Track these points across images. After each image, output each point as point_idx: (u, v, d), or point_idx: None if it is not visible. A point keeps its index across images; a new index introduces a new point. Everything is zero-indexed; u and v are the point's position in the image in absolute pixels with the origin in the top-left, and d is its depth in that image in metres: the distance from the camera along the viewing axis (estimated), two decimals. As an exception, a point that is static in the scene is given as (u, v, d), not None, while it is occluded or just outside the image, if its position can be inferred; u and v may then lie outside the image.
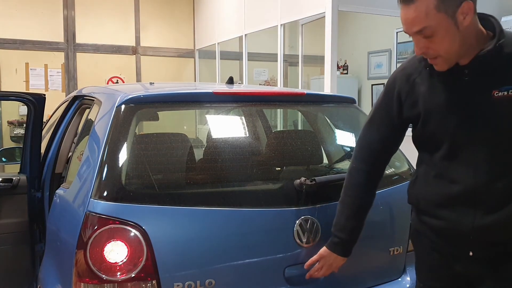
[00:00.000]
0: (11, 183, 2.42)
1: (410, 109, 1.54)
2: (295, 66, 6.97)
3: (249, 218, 1.79)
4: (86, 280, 1.58)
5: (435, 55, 1.40)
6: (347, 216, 1.73)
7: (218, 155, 2.05)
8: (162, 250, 1.62)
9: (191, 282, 1.64)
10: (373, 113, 1.68)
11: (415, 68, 1.54)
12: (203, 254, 1.68)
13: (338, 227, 1.75)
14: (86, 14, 7.51)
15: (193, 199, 1.79)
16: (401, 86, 1.56)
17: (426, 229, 1.58)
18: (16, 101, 2.59)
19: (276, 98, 2.41)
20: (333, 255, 1.76)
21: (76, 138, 2.69)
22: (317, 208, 1.87)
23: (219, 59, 7.44)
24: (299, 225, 1.81)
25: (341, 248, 1.76)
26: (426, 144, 1.55)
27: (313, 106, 2.54)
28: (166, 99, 2.07)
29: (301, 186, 1.84)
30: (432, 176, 1.52)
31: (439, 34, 1.35)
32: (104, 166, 1.70)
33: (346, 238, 1.74)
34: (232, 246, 1.74)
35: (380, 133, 1.65)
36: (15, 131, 6.95)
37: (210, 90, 2.10)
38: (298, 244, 1.82)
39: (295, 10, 5.45)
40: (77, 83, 7.43)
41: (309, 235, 1.83)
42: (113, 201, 1.64)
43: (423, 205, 1.57)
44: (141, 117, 2.10)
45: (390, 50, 7.14)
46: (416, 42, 1.40)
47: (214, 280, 1.67)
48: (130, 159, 1.79)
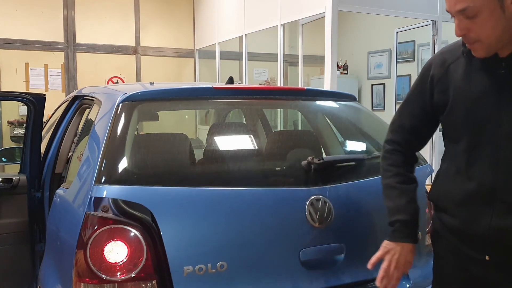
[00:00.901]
0: (11, 183, 2.42)
1: (440, 94, 1.47)
2: (295, 66, 6.97)
3: (258, 198, 1.75)
4: (86, 280, 1.58)
5: (475, 39, 1.32)
6: (402, 197, 1.56)
7: (224, 140, 2.04)
8: (170, 232, 1.59)
9: (202, 265, 1.59)
10: (407, 97, 1.61)
11: (453, 54, 1.47)
12: (213, 236, 1.64)
13: (395, 211, 1.55)
14: (86, 14, 7.51)
15: (200, 180, 1.78)
16: (435, 70, 1.49)
17: (443, 228, 1.52)
18: (16, 101, 2.60)
19: (275, 93, 2.41)
20: (398, 246, 1.54)
21: (76, 138, 2.70)
22: (327, 188, 1.83)
23: (219, 59, 7.44)
24: (310, 204, 1.77)
25: (408, 232, 1.54)
26: (450, 135, 1.49)
27: (313, 101, 2.53)
28: (165, 95, 2.08)
29: (309, 166, 1.81)
30: (453, 171, 1.47)
31: (482, 15, 1.27)
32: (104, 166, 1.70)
33: (409, 219, 1.54)
34: (243, 228, 1.69)
35: (413, 116, 1.58)
36: (15, 131, 6.95)
37: (210, 85, 2.10)
38: (311, 225, 1.75)
39: (295, 10, 5.45)
40: (77, 83, 7.43)
41: (322, 215, 1.77)
42: (118, 184, 1.63)
43: (442, 202, 1.51)
44: (141, 115, 2.09)
45: (390, 50, 7.14)
46: (458, 22, 1.32)
47: (226, 263, 1.62)
48: (130, 159, 1.79)
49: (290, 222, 1.76)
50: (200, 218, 1.65)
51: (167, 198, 1.65)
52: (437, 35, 5.44)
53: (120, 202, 1.60)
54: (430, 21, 5.43)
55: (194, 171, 1.89)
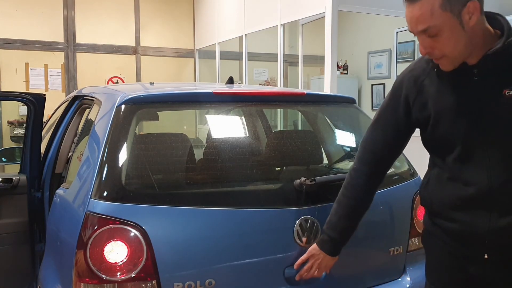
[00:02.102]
0: (11, 183, 2.42)
1: (419, 111, 1.51)
2: (295, 66, 6.97)
3: (249, 218, 1.79)
4: (86, 280, 1.58)
5: (440, 55, 1.38)
6: (340, 215, 1.71)
7: (218, 155, 2.05)
8: (162, 250, 1.62)
9: (191, 282, 1.64)
10: (378, 115, 1.65)
11: (423, 70, 1.51)
12: (203, 254, 1.68)
13: (329, 225, 1.73)
14: (86, 14, 7.51)
15: (193, 199, 1.79)
16: (408, 88, 1.53)
17: (439, 231, 1.55)
18: (16, 101, 2.59)
19: (276, 98, 2.41)
20: (322, 253, 1.74)
21: (76, 138, 2.69)
22: (317, 208, 1.86)
23: (219, 59, 7.44)
24: (299, 225, 1.81)
25: (330, 247, 1.74)
26: (438, 146, 1.51)
27: (313, 106, 2.54)
28: (166, 99, 2.07)
29: (301, 186, 1.84)
30: (446, 178, 1.49)
31: (444, 33, 1.33)
32: (104, 166, 1.70)
33: (335, 237, 1.72)
34: (232, 246, 1.74)
35: (385, 135, 1.63)
36: (15, 131, 6.95)
37: (210, 90, 2.10)
38: (298, 244, 1.81)
39: (295, 10, 5.45)
40: (77, 83, 7.43)
41: (309, 235, 1.82)
42: (113, 201, 1.64)
43: (437, 207, 1.54)
44: (141, 117, 2.10)
45: (390, 50, 7.14)
46: (421, 41, 1.39)
47: (214, 280, 1.67)
48: (130, 159, 1.79)
49: (277, 241, 1.82)
50: (191, 237, 1.68)
51: (160, 216, 1.68)
52: (437, 35, 5.43)
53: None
54: (430, 21, 5.43)
55: (189, 190, 1.90)
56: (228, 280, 1.72)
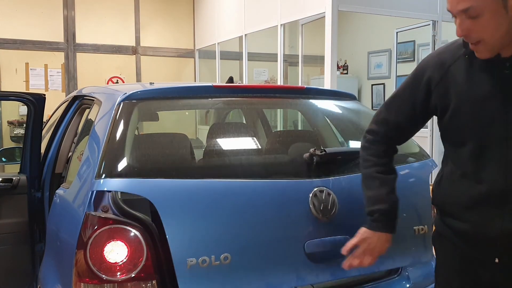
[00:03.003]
0: (11, 183, 2.42)
1: (439, 98, 1.43)
2: (295, 66, 6.97)
3: (261, 190, 1.74)
4: (86, 280, 1.58)
5: (477, 39, 1.29)
6: (380, 187, 1.56)
7: (225, 134, 2.04)
8: (172, 224, 1.58)
9: (205, 257, 1.58)
10: (396, 93, 1.57)
11: (453, 55, 1.43)
12: (216, 228, 1.62)
13: (374, 200, 1.56)
14: (86, 14, 7.51)
15: (202, 173, 1.77)
16: (433, 72, 1.45)
17: (449, 232, 1.49)
18: (16, 101, 2.59)
19: (275, 91, 2.41)
20: (375, 235, 1.56)
21: (76, 138, 2.70)
22: (330, 180, 1.81)
23: (219, 59, 7.44)
24: (314, 196, 1.75)
25: (386, 222, 1.56)
26: (454, 139, 1.44)
27: (313, 100, 2.53)
28: (165, 94, 2.08)
29: (311, 158, 1.80)
30: (459, 175, 1.43)
31: (485, 15, 1.24)
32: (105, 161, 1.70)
33: (388, 209, 1.56)
34: (247, 219, 1.68)
35: (398, 116, 1.55)
36: (15, 131, 6.95)
37: (210, 84, 2.10)
38: (315, 217, 1.74)
39: (295, 10, 5.45)
40: (77, 83, 7.43)
41: (326, 207, 1.75)
42: (119, 177, 1.63)
43: (448, 206, 1.48)
44: (141, 114, 2.09)
45: (390, 50, 7.14)
46: (460, 22, 1.29)
47: (230, 255, 1.61)
48: (131, 153, 1.79)
49: (293, 214, 1.75)
50: (203, 210, 1.64)
51: (169, 190, 1.64)
52: (437, 35, 5.44)
53: (120, 202, 1.60)
54: (430, 21, 5.43)
55: (196, 164, 1.89)
56: (245, 255, 1.64)
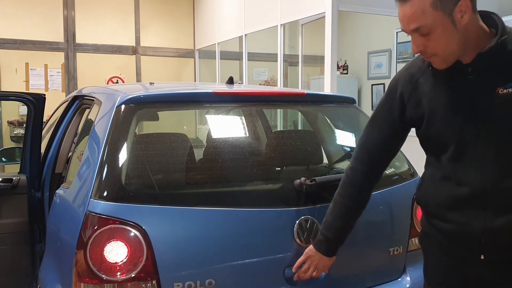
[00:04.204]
0: (11, 183, 2.42)
1: (413, 109, 1.50)
2: (295, 66, 6.97)
3: (249, 218, 1.79)
4: (86, 280, 1.58)
5: (432, 54, 1.38)
6: (336, 215, 1.70)
7: (218, 155, 2.05)
8: (162, 250, 1.62)
9: (191, 282, 1.64)
10: (375, 113, 1.65)
11: (419, 68, 1.51)
12: (203, 254, 1.68)
13: (325, 225, 1.73)
14: (86, 14, 7.51)
15: (193, 199, 1.80)
16: (404, 86, 1.53)
17: (435, 231, 1.54)
18: (16, 101, 2.59)
19: (276, 98, 2.41)
20: (318, 254, 1.74)
21: (76, 138, 2.69)
22: (317, 208, 1.86)
23: (219, 59, 7.44)
24: (299, 225, 1.81)
25: (326, 247, 1.73)
26: (432, 145, 1.51)
27: (313, 106, 2.54)
28: (166, 99, 2.07)
29: (301, 186, 1.84)
30: (439, 178, 1.48)
31: (436, 32, 1.33)
32: (104, 166, 1.70)
33: (331, 237, 1.72)
34: (232, 246, 1.74)
35: (381, 134, 1.62)
36: (15, 131, 6.95)
37: (210, 90, 2.10)
38: (298, 244, 1.81)
39: (295, 10, 5.45)
40: (77, 83, 7.43)
41: (309, 235, 1.82)
42: (113, 201, 1.63)
43: (431, 208, 1.53)
44: (141, 117, 2.09)
45: (390, 50, 7.14)
46: (414, 40, 1.39)
47: (214, 280, 1.67)
48: (130, 159, 1.79)
49: (277, 241, 1.82)
50: (191, 237, 1.68)
51: (160, 217, 1.68)
52: (437, 35, 5.44)
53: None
54: (430, 21, 5.43)
55: (189, 190, 1.91)
56: (228, 280, 1.72)
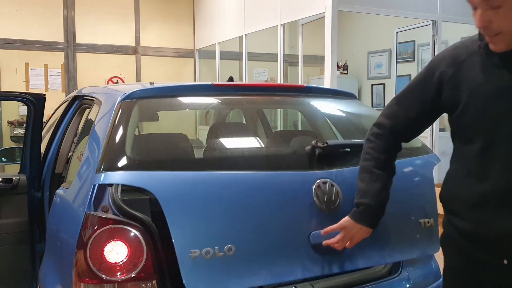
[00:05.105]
0: (11, 183, 2.42)
1: (451, 92, 1.41)
2: (295, 66, 6.97)
3: (264, 182, 1.73)
4: (86, 280, 1.58)
5: (497, 31, 1.26)
6: (368, 180, 1.59)
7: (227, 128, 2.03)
8: (175, 216, 1.56)
9: (209, 248, 1.55)
10: (407, 89, 1.55)
11: (467, 50, 1.41)
12: (219, 220, 1.61)
13: (360, 194, 1.60)
14: (86, 14, 7.51)
15: (204, 165, 1.78)
16: (446, 67, 1.42)
17: (455, 233, 1.45)
18: (16, 101, 2.59)
19: (275, 89, 2.41)
20: (356, 226, 1.60)
21: (76, 138, 2.70)
22: (333, 172, 1.80)
23: (219, 59, 7.44)
24: (317, 187, 1.74)
25: (369, 217, 1.60)
26: (462, 136, 1.42)
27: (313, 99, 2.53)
28: (165, 92, 2.09)
29: (313, 150, 1.80)
30: (464, 173, 1.40)
31: (507, 5, 1.22)
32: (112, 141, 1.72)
33: (372, 203, 1.58)
34: (250, 211, 1.66)
35: (408, 111, 1.53)
36: (15, 131, 6.95)
37: (210, 82, 2.11)
38: (319, 208, 1.73)
39: (295, 10, 5.45)
40: (77, 83, 7.43)
41: (330, 198, 1.74)
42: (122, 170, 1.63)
43: (453, 205, 1.45)
44: (141, 113, 2.09)
45: (390, 50, 7.14)
46: (481, 13, 1.27)
47: (234, 246, 1.58)
48: (132, 149, 1.79)
49: (297, 205, 1.73)
50: (205, 202, 1.62)
51: (172, 182, 1.62)
52: (437, 35, 5.44)
53: (120, 202, 1.60)
54: (430, 21, 5.44)
55: (199, 157, 1.88)
56: (249, 246, 1.62)
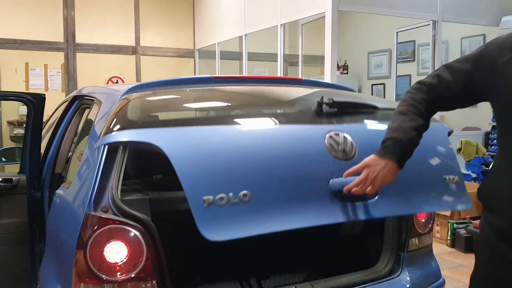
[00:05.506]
0: (11, 183, 2.42)
1: (501, 79, 1.35)
2: (295, 66, 6.97)
3: (276, 134, 1.71)
4: (86, 280, 1.58)
5: None
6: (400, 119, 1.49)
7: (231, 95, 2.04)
8: (184, 165, 1.49)
9: (223, 194, 1.48)
10: (459, 59, 1.49)
11: None
12: (233, 169, 1.55)
13: (392, 130, 1.48)
14: (86, 14, 7.51)
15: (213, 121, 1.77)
16: (501, 52, 1.36)
17: (490, 233, 1.38)
18: (16, 101, 2.59)
19: (273, 81, 2.41)
20: (381, 162, 1.46)
21: (76, 138, 2.69)
22: (344, 126, 1.78)
23: (219, 59, 7.44)
24: (329, 137, 1.69)
25: (398, 150, 1.45)
26: (505, 126, 1.36)
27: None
28: (167, 85, 2.09)
29: (319, 107, 1.78)
30: (506, 165, 1.34)
31: None
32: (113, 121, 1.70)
33: (404, 139, 1.45)
34: (264, 161, 1.61)
35: (453, 78, 1.47)
36: (15, 131, 6.95)
37: (209, 75, 2.12)
38: (335, 157, 1.66)
39: (295, 10, 5.45)
40: (77, 83, 7.43)
41: (344, 147, 1.69)
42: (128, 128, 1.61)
43: (492, 200, 1.38)
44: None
45: (390, 50, 7.14)
46: None
47: (250, 193, 1.51)
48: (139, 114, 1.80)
49: (312, 155, 1.67)
50: (216, 152, 1.58)
51: (181, 134, 1.59)
52: (437, 35, 5.45)
53: (120, 202, 1.60)
54: (430, 21, 5.44)
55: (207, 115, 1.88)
56: (266, 192, 1.55)
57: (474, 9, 5.74)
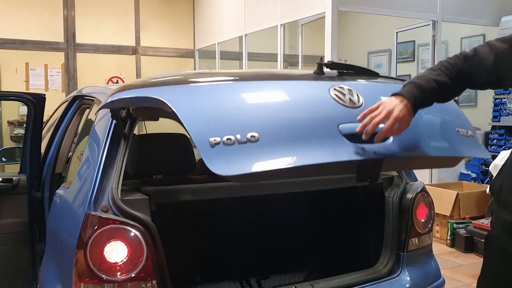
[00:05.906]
0: (11, 183, 2.42)
1: None
2: (295, 66, 6.97)
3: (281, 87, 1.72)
4: (86, 280, 1.58)
5: None
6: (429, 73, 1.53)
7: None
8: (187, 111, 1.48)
9: (230, 135, 1.44)
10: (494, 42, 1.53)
11: None
12: (238, 112, 1.55)
13: (417, 77, 1.52)
14: (86, 14, 7.51)
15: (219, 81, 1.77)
16: None
17: (501, 230, 1.37)
18: (16, 101, 2.60)
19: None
20: (398, 99, 1.45)
21: (76, 138, 2.70)
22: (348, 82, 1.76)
23: (219, 59, 7.44)
24: (333, 89, 1.67)
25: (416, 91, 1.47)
26: None
27: None
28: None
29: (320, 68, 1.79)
30: None
31: None
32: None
33: (424, 85, 1.47)
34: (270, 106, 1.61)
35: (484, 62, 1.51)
36: (15, 131, 6.95)
37: (207, 70, 2.12)
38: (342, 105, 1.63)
39: (295, 10, 5.45)
40: (77, 83, 7.43)
41: (351, 96, 1.66)
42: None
43: (504, 194, 1.36)
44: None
45: (390, 50, 7.14)
46: None
47: (258, 134, 1.47)
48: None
49: (319, 102, 1.65)
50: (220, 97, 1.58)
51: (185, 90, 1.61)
52: (437, 35, 5.45)
53: (120, 202, 1.60)
54: (430, 21, 5.44)
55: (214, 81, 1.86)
56: (275, 134, 1.52)
57: (474, 9, 5.74)
